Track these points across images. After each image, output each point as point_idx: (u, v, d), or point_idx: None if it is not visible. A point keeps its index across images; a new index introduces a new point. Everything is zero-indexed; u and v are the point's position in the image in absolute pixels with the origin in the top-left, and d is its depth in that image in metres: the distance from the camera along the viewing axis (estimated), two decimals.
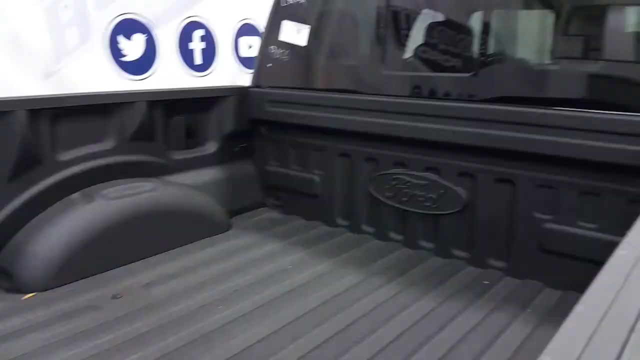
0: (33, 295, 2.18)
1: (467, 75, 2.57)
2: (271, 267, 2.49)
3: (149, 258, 2.54)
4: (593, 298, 0.88)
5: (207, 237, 2.80)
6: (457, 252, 2.59)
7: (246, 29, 5.08)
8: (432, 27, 2.88)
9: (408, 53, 2.91)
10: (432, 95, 2.71)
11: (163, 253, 2.60)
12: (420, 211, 2.67)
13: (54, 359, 1.74)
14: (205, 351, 1.82)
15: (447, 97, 2.64)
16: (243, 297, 2.18)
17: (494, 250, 2.46)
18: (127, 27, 4.21)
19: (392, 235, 2.81)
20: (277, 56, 3.18)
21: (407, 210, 2.72)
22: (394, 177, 2.74)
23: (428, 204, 2.64)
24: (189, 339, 1.89)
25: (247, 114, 3.19)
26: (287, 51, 3.14)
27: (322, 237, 2.88)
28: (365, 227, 2.91)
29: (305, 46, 3.09)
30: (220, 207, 2.98)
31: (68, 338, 1.87)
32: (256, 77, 3.23)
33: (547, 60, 2.82)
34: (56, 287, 2.24)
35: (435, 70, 2.79)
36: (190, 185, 2.91)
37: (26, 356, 1.75)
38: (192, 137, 3.01)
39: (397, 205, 2.74)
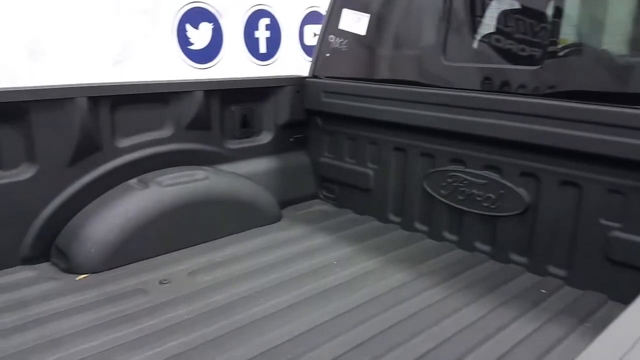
0: (86, 277, 2.27)
1: (535, 67, 2.39)
2: (317, 261, 2.46)
3: (199, 245, 2.58)
4: None
5: (257, 227, 2.81)
6: (515, 257, 2.44)
7: (312, 17, 5.05)
8: (499, 14, 2.70)
9: (471, 43, 2.76)
10: (496, 88, 2.55)
11: (212, 241, 2.63)
12: (478, 211, 2.53)
13: (96, 341, 1.79)
14: (239, 343, 1.82)
15: (512, 90, 2.48)
16: (284, 291, 2.17)
17: (555, 257, 2.29)
18: (195, 15, 4.29)
19: (446, 235, 2.69)
20: (336, 46, 3.11)
21: (463, 210, 2.59)
22: (451, 174, 2.62)
23: (486, 204, 2.50)
24: (226, 330, 1.90)
25: (303, 105, 3.16)
26: (346, 40, 3.07)
27: (373, 233, 2.81)
28: (418, 225, 2.81)
29: (364, 35, 3.00)
30: (272, 198, 2.98)
31: (112, 321, 1.93)
32: (314, 67, 3.19)
33: (631, 52, 2.58)
34: (108, 269, 2.32)
35: (500, 62, 2.61)
36: (244, 175, 2.92)
37: (70, 336, 1.82)
38: (247, 127, 3.02)
39: (453, 204, 2.62)
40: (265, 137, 3.11)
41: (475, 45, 2.76)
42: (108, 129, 2.48)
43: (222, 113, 2.88)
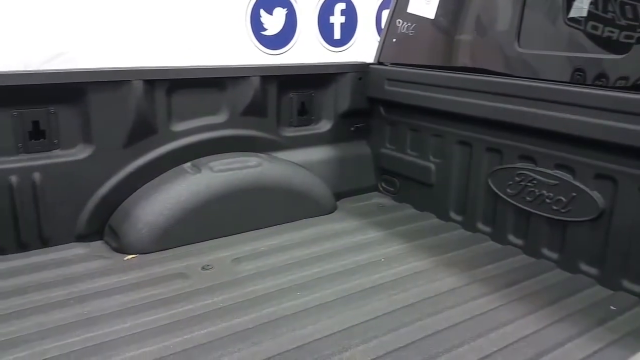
0: (134, 257, 2.32)
1: (618, 56, 2.10)
2: (365, 256, 2.35)
3: (247, 233, 2.56)
4: None
5: (309, 218, 2.74)
6: (585, 268, 2.18)
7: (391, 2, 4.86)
8: None
9: (548, 28, 2.48)
10: (575, 79, 2.28)
11: (261, 229, 2.59)
12: (547, 215, 2.29)
13: (129, 323, 1.81)
14: (271, 337, 1.75)
15: (591, 82, 2.20)
16: (324, 286, 2.08)
17: (630, 270, 2.02)
18: (270, 0, 4.26)
19: (511, 238, 2.47)
20: (403, 30, 2.95)
21: (530, 212, 2.36)
22: (519, 172, 2.39)
23: (556, 207, 2.26)
24: (259, 322, 1.84)
25: (366, 93, 3.03)
26: (414, 25, 2.90)
27: (430, 231, 2.65)
28: (480, 226, 2.60)
29: (432, 19, 2.81)
30: (327, 188, 2.89)
31: (149, 304, 1.94)
32: (379, 53, 3.05)
33: None
34: (155, 251, 2.35)
35: (579, 50, 2.33)
36: (299, 164, 2.86)
37: (106, 316, 1.85)
38: (305, 114, 2.95)
39: (520, 205, 2.39)
40: (324, 126, 3.02)
41: (553, 30, 2.49)
42: (164, 112, 2.50)
43: (280, 99, 2.83)
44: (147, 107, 2.43)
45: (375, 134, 3.13)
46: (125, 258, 2.31)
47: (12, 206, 2.22)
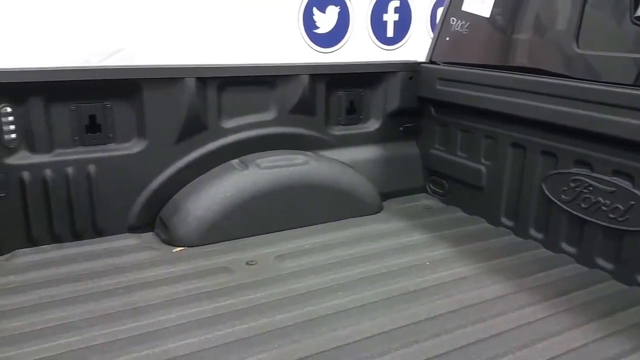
0: (182, 249, 2.38)
1: None
2: (409, 259, 2.31)
3: (292, 230, 2.57)
4: None
5: (354, 217, 2.73)
6: None
7: None
8: None
9: (611, 28, 2.36)
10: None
11: (305, 227, 2.60)
12: (602, 223, 2.19)
13: (173, 314, 1.85)
14: (311, 336, 1.76)
15: None
16: (366, 287, 2.06)
17: None
18: None
19: (564, 246, 2.37)
20: (457, 29, 2.88)
21: (585, 220, 2.25)
22: (575, 177, 2.29)
23: (613, 215, 2.15)
24: (300, 319, 1.85)
25: (416, 92, 2.98)
26: (468, 23, 2.82)
27: (479, 235, 2.58)
28: (532, 232, 2.51)
29: (487, 18, 2.73)
30: (373, 188, 2.86)
31: (194, 296, 1.98)
32: (431, 52, 2.99)
33: None
34: (202, 245, 2.40)
35: None
36: (346, 163, 2.85)
37: (152, 306, 1.90)
38: (353, 113, 2.93)
39: (574, 212, 2.29)
40: (372, 125, 2.99)
41: (617, 30, 2.36)
42: (214, 109, 2.55)
43: (328, 98, 2.82)
44: (198, 104, 2.48)
45: (424, 134, 3.08)
46: (174, 250, 2.37)
47: (68, 196, 2.32)
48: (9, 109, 2.18)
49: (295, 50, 4.14)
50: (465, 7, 2.84)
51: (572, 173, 2.30)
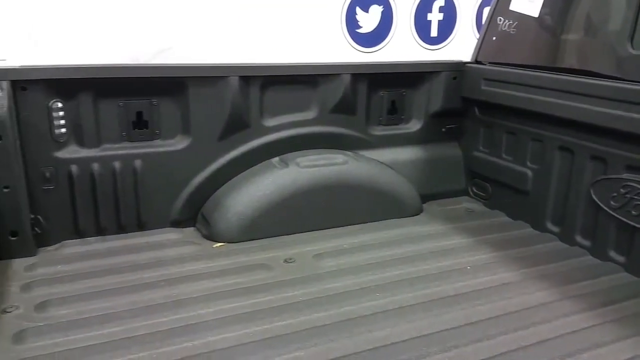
0: (222, 245, 2.41)
1: None
2: (450, 263, 2.27)
3: (330, 229, 2.57)
4: None
5: (393, 219, 2.70)
6: None
7: None
8: None
9: None
10: None
11: (344, 227, 2.59)
12: None
13: (213, 308, 1.88)
14: (348, 336, 1.75)
15: None
16: (405, 289, 2.04)
17: None
18: None
19: (612, 254, 2.28)
20: (504, 28, 2.81)
21: (636, 227, 2.17)
22: (625, 183, 2.20)
23: None
24: (337, 319, 1.84)
25: (460, 92, 2.93)
26: (516, 23, 2.75)
27: (523, 241, 2.51)
28: (579, 239, 2.43)
29: (536, 18, 2.66)
30: (414, 189, 2.83)
31: (233, 291, 2.01)
32: (477, 52, 2.93)
33: None
34: (242, 241, 2.42)
35: None
36: (386, 163, 2.82)
37: (192, 299, 1.94)
38: (395, 113, 2.90)
39: (624, 219, 2.21)
40: (414, 125, 2.96)
41: None
42: (257, 107, 2.57)
43: (370, 98, 2.81)
44: (241, 102, 2.51)
45: (468, 136, 3.02)
46: (214, 246, 2.40)
47: (114, 190, 2.39)
48: (59, 104, 2.25)
49: (337, 49, 4.13)
50: (513, 7, 2.78)
51: (622, 179, 2.21)
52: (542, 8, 2.63)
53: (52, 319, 1.81)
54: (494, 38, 2.88)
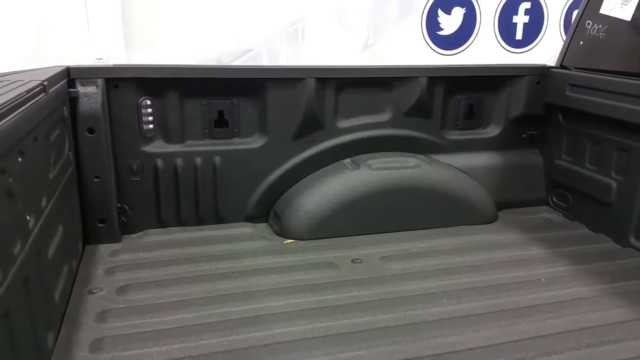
0: (292, 242, 2.47)
1: None
2: (523, 273, 2.20)
3: (399, 232, 2.56)
4: None
5: (466, 225, 2.65)
6: None
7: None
8: None
9: None
10: None
11: (414, 231, 2.58)
12: None
13: (281, 302, 1.94)
14: (411, 340, 1.75)
15: None
16: (474, 297, 2.00)
17: None
18: (448, 0, 4.17)
19: None
20: (593, 33, 2.68)
21: None
22: None
23: None
24: (401, 322, 1.85)
25: (543, 98, 2.82)
26: (605, 27, 2.61)
27: (604, 255, 2.39)
28: None
29: (629, 22, 2.51)
30: (488, 196, 2.76)
31: (300, 287, 2.06)
32: (563, 57, 2.81)
33: None
34: (312, 239, 2.47)
35: None
36: (460, 168, 2.78)
37: (261, 292, 2.01)
38: (472, 118, 2.84)
39: None
40: (491, 131, 2.89)
41: None
42: (331, 109, 2.61)
43: (446, 101, 2.77)
44: (317, 104, 2.56)
45: (549, 143, 2.90)
46: (285, 242, 2.47)
47: (195, 185, 2.52)
48: (148, 102, 2.41)
49: (416, 52, 4.09)
50: (604, 10, 2.64)
51: None
52: (635, 12, 2.49)
53: (131, 302, 1.94)
54: (581, 42, 2.75)
